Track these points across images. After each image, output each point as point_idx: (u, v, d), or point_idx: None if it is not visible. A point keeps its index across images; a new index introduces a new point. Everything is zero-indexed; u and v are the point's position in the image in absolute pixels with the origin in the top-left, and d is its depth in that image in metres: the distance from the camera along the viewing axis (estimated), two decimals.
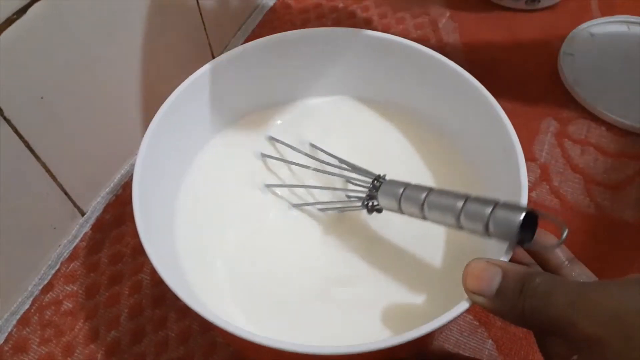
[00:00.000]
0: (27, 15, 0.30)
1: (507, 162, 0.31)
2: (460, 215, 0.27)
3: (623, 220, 0.41)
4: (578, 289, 0.23)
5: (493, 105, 0.33)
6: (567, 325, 0.22)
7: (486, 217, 0.25)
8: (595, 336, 0.21)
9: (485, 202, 0.26)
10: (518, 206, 0.25)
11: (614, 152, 0.45)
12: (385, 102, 0.41)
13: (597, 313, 0.21)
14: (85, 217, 0.41)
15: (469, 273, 0.25)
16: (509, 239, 0.25)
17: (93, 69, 0.36)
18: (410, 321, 0.31)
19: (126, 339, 0.36)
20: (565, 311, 0.22)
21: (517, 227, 0.24)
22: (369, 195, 0.33)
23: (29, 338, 0.36)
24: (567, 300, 0.22)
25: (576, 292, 0.23)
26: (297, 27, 0.55)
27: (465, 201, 0.27)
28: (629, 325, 0.21)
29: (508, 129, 0.32)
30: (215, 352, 0.36)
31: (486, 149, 0.35)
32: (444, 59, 0.36)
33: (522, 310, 0.24)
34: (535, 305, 0.23)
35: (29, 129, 0.33)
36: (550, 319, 0.23)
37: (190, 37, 0.46)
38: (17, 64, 0.31)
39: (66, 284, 0.38)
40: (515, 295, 0.24)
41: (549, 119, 0.47)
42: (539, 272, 0.24)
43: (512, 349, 0.35)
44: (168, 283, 0.27)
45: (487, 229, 0.26)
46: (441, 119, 0.38)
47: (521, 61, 0.52)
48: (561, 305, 0.22)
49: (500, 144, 0.32)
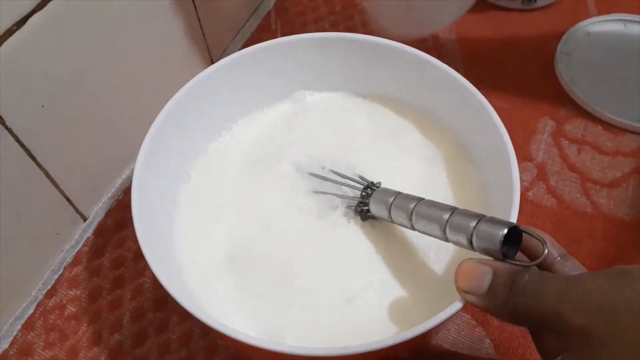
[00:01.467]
0: (27, 26, 0.31)
1: (500, 162, 0.32)
2: (446, 227, 0.27)
3: (619, 218, 0.41)
4: (566, 282, 0.23)
5: (484, 104, 0.34)
6: (557, 319, 0.22)
7: (470, 230, 0.26)
8: (584, 327, 0.21)
9: (471, 216, 0.26)
10: (502, 221, 0.26)
11: (610, 151, 0.45)
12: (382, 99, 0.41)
13: (585, 304, 0.22)
14: (87, 222, 0.41)
15: (460, 273, 0.26)
16: (492, 253, 0.26)
17: (92, 76, 0.37)
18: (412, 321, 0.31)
19: (129, 341, 0.37)
20: (554, 304, 0.23)
21: (500, 242, 0.25)
22: (361, 201, 0.34)
23: (34, 342, 0.37)
24: (555, 293, 0.23)
25: (564, 284, 0.23)
26: (295, 30, 0.56)
27: (452, 213, 0.27)
28: (616, 315, 0.21)
29: (500, 129, 0.32)
30: (217, 354, 0.36)
31: (480, 149, 0.36)
32: (433, 59, 0.36)
33: (513, 307, 0.24)
34: (526, 301, 0.24)
35: (30, 137, 0.34)
36: (540, 313, 0.23)
37: (188, 43, 0.46)
38: (17, 73, 0.31)
39: (69, 289, 0.39)
40: (506, 292, 0.24)
41: (546, 119, 0.47)
42: (529, 270, 0.25)
43: (510, 347, 0.36)
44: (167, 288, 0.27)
45: (471, 243, 0.26)
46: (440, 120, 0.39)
47: (518, 60, 0.52)
48: (550, 299, 0.23)
49: (493, 144, 0.33)
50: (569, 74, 0.49)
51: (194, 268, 0.34)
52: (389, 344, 0.25)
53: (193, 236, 0.35)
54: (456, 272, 0.26)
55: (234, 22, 0.54)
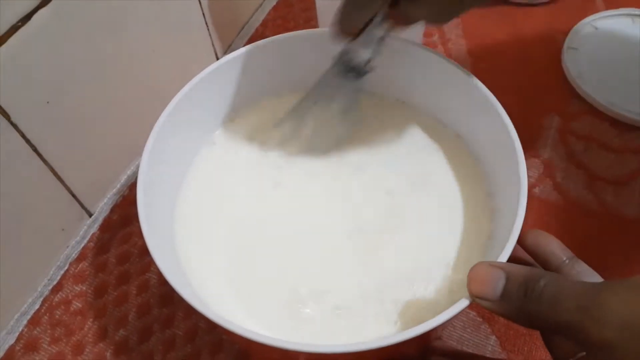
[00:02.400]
0: (32, 22, 0.31)
1: (508, 158, 0.32)
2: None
3: (626, 216, 0.41)
4: (587, 293, 0.23)
5: (490, 100, 0.33)
6: (578, 331, 0.22)
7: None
8: (607, 341, 0.21)
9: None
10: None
11: (617, 147, 0.45)
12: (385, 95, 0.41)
13: (609, 319, 0.21)
14: (93, 218, 0.41)
15: (473, 278, 0.25)
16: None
17: (97, 72, 0.37)
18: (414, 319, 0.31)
19: (134, 337, 0.37)
20: (575, 316, 0.22)
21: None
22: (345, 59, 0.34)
23: (40, 337, 0.37)
24: (576, 306, 0.22)
25: (585, 296, 0.22)
26: (300, 25, 0.55)
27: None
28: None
29: (507, 126, 0.32)
30: (222, 350, 0.36)
31: (488, 144, 0.35)
32: (438, 55, 0.36)
33: (529, 313, 0.24)
34: (543, 309, 0.23)
35: (36, 133, 0.34)
36: (559, 323, 0.23)
37: (193, 38, 0.46)
38: (22, 70, 0.31)
39: (75, 284, 0.39)
40: (520, 298, 0.24)
41: (553, 115, 0.47)
42: (543, 273, 0.24)
43: (516, 344, 0.36)
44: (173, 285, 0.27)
45: None
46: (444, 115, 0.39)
47: (525, 56, 0.52)
48: (571, 311, 0.22)
49: (501, 140, 0.33)
50: (576, 69, 0.49)
51: (199, 263, 0.33)
52: (388, 343, 0.25)
53: (197, 231, 0.35)
54: (468, 276, 0.26)
55: (239, 18, 0.54)
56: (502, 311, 0.25)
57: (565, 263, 0.27)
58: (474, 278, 0.25)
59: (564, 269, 0.27)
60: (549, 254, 0.28)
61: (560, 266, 0.27)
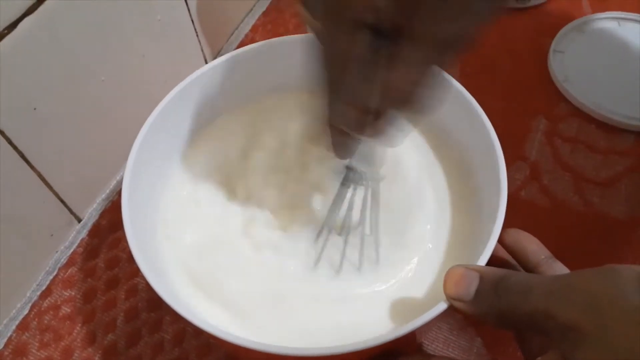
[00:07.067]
0: (18, 29, 0.31)
1: (489, 160, 0.32)
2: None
3: (613, 217, 0.42)
4: (553, 280, 0.23)
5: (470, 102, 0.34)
6: (544, 316, 0.22)
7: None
8: (572, 323, 0.21)
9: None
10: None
11: (603, 149, 0.45)
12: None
13: (574, 299, 0.22)
14: (82, 223, 0.42)
15: (448, 280, 0.26)
16: None
17: (84, 77, 0.37)
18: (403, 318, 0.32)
19: (122, 341, 0.37)
20: (541, 301, 0.23)
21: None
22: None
23: (29, 342, 0.37)
24: (544, 292, 0.23)
25: (553, 283, 0.23)
26: (290, 31, 0.56)
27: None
28: (603, 311, 0.21)
29: (488, 129, 0.32)
30: (210, 353, 0.36)
31: (470, 147, 0.36)
32: None
33: (499, 309, 0.24)
34: (512, 302, 0.24)
35: (23, 139, 0.34)
36: (526, 313, 0.23)
37: (182, 44, 0.47)
38: (9, 77, 0.32)
39: (64, 289, 0.39)
40: (491, 296, 0.24)
41: (540, 117, 0.47)
42: (515, 273, 0.25)
43: (501, 346, 0.36)
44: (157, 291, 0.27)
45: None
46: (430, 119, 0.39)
47: (511, 59, 0.52)
48: (537, 297, 0.23)
49: (482, 143, 0.33)
50: (562, 72, 0.49)
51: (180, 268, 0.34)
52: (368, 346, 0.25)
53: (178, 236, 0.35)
54: (444, 279, 0.26)
55: (229, 23, 0.54)
56: (475, 311, 0.25)
57: (544, 261, 0.27)
58: (449, 280, 0.26)
59: (542, 266, 0.27)
60: (528, 252, 0.28)
61: (539, 264, 0.27)
